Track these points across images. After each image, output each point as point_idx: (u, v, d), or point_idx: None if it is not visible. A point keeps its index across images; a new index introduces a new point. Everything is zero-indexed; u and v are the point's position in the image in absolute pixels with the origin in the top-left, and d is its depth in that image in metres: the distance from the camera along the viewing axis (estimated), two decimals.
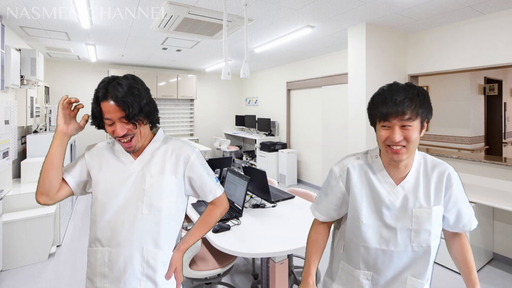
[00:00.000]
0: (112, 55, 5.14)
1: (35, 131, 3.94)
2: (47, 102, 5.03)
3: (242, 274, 2.60)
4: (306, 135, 5.55)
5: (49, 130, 4.05)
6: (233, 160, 6.74)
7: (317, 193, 1.21)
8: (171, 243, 1.09)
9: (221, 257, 1.91)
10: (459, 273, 2.59)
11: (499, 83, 5.13)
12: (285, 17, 3.03)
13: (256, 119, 6.66)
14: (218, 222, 1.86)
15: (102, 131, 1.08)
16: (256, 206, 2.24)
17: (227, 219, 1.94)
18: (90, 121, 1.04)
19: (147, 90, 1.06)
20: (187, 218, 2.25)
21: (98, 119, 1.00)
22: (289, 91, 5.95)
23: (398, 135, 0.91)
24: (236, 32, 3.54)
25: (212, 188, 1.16)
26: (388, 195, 0.99)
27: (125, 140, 1.00)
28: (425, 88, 0.91)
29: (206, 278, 1.84)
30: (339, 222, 1.14)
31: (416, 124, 0.91)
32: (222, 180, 2.76)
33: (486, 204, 2.47)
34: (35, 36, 3.79)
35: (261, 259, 1.84)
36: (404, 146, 0.92)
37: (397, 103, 0.90)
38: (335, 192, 1.07)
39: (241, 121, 7.29)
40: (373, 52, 3.28)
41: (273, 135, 6.26)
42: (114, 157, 1.08)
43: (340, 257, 1.10)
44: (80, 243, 3.19)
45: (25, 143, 3.57)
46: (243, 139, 7.51)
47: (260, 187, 2.40)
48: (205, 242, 2.04)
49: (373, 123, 1.00)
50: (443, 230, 1.05)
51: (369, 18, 3.05)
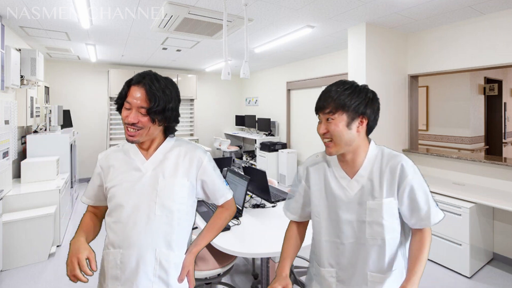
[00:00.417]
0: (112, 55, 5.14)
1: (35, 131, 3.94)
2: (47, 102, 5.03)
3: (242, 274, 2.60)
4: (306, 135, 5.55)
5: (49, 130, 4.05)
6: (233, 160, 6.74)
7: None
8: (183, 244, 1.09)
9: (221, 257, 1.91)
10: (458, 273, 2.60)
11: (499, 83, 5.13)
12: (285, 17, 3.03)
13: (256, 119, 6.66)
14: None
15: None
16: (256, 206, 2.24)
17: None
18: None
19: (178, 99, 1.07)
20: None
21: (122, 99, 1.02)
22: (289, 91, 5.95)
23: (322, 128, 0.98)
24: (236, 32, 3.54)
25: (223, 191, 1.17)
26: (343, 189, 1.02)
27: (132, 129, 1.00)
28: (365, 86, 0.95)
29: (206, 278, 1.84)
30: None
31: (339, 117, 0.95)
32: None
33: (486, 204, 2.47)
34: (35, 36, 3.79)
35: (261, 259, 1.84)
36: (331, 140, 0.97)
37: (321, 98, 0.99)
38: (299, 191, 1.14)
39: (241, 121, 7.29)
40: (373, 52, 3.28)
41: (273, 135, 6.26)
42: (126, 158, 1.08)
43: (311, 258, 1.14)
44: None
45: (25, 143, 3.57)
46: (243, 139, 7.51)
47: (260, 187, 2.40)
48: None
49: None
50: (410, 227, 1.03)
51: (369, 18, 3.05)
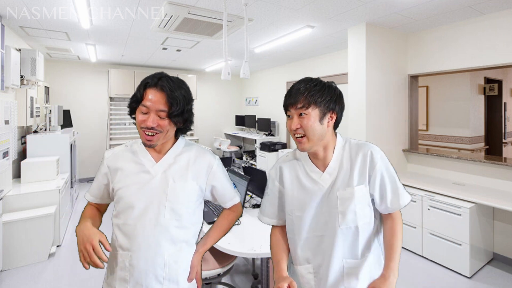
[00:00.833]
0: (112, 55, 5.14)
1: (35, 131, 3.95)
2: (47, 102, 5.03)
3: (242, 274, 2.60)
4: None
5: (49, 130, 4.05)
6: (233, 160, 6.74)
7: None
8: (191, 246, 1.09)
9: (221, 257, 1.91)
10: (458, 273, 2.59)
11: (499, 83, 5.13)
12: (285, 17, 3.03)
13: (256, 119, 6.66)
14: None
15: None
16: (256, 206, 2.24)
17: None
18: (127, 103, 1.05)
19: (192, 99, 1.06)
20: None
21: (138, 103, 0.99)
22: None
23: (294, 123, 0.98)
24: (236, 32, 3.54)
25: (232, 195, 1.17)
26: (316, 183, 1.03)
27: (150, 133, 0.98)
28: (331, 83, 0.98)
29: (206, 278, 1.84)
30: None
31: (312, 112, 0.96)
32: None
33: (486, 204, 2.47)
34: (35, 36, 3.79)
35: (261, 259, 1.84)
36: (304, 135, 0.97)
37: (292, 94, 0.99)
38: (274, 193, 1.13)
39: (241, 121, 7.29)
40: (373, 52, 3.28)
41: (273, 135, 6.26)
42: (135, 159, 1.06)
43: (290, 260, 1.13)
44: None
45: (25, 143, 3.57)
46: (243, 139, 7.51)
47: (260, 187, 2.40)
48: None
49: (286, 115, 1.06)
50: (380, 214, 1.06)
51: (369, 18, 3.05)
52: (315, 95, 0.96)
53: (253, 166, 5.07)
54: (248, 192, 2.34)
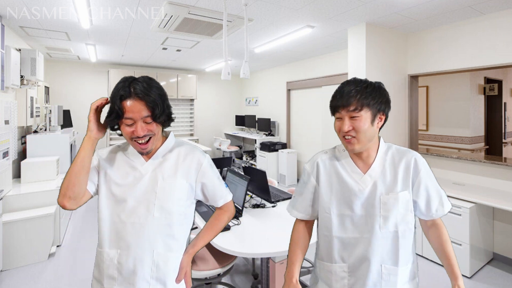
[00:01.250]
0: (112, 55, 5.14)
1: (35, 131, 3.94)
2: (47, 102, 5.03)
3: (242, 274, 2.60)
4: (306, 135, 5.55)
5: (49, 130, 4.05)
6: (233, 160, 6.74)
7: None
8: (181, 246, 1.08)
9: (221, 257, 1.91)
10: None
11: (499, 83, 5.13)
12: (285, 17, 3.03)
13: (256, 119, 6.66)
14: None
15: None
16: (256, 206, 2.24)
17: None
18: (106, 120, 1.00)
19: (166, 93, 1.06)
20: None
21: (120, 117, 0.95)
22: (289, 91, 5.95)
23: (346, 125, 0.97)
24: (236, 32, 3.54)
25: (223, 193, 1.16)
26: (356, 184, 1.02)
27: (143, 141, 0.98)
28: (380, 84, 1.00)
29: (206, 278, 1.84)
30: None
31: (365, 115, 0.96)
32: None
33: (486, 204, 2.47)
34: (35, 36, 3.79)
35: (261, 259, 1.84)
36: (354, 137, 0.97)
37: (344, 95, 0.98)
38: (308, 188, 1.12)
39: (241, 121, 7.29)
40: (373, 52, 3.28)
41: (273, 135, 6.26)
42: (126, 159, 1.07)
43: (318, 256, 1.13)
44: (80, 243, 3.19)
45: (25, 143, 3.57)
46: (243, 139, 7.51)
47: (260, 187, 2.40)
48: None
49: (332, 116, 1.06)
50: (420, 220, 1.09)
51: (369, 18, 3.05)
52: (367, 97, 0.96)
53: (253, 166, 5.07)
54: (248, 192, 2.34)
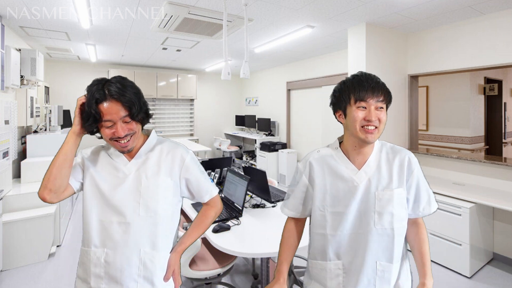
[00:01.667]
0: (112, 55, 5.14)
1: (35, 131, 3.94)
2: (47, 102, 5.03)
3: (242, 274, 2.60)
4: (306, 135, 5.55)
5: (49, 130, 4.05)
6: (233, 160, 6.74)
7: None
8: (168, 244, 1.08)
9: (221, 257, 1.91)
10: (458, 273, 2.59)
11: (499, 83, 5.13)
12: (285, 17, 3.03)
13: (256, 119, 6.66)
14: (219, 222, 1.87)
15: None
16: (256, 206, 2.24)
17: (227, 219, 1.94)
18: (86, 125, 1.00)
19: (140, 90, 1.07)
20: (187, 218, 2.26)
21: (98, 121, 0.96)
22: (289, 91, 5.95)
23: (373, 115, 0.96)
24: (236, 32, 3.54)
25: (208, 188, 1.16)
26: (351, 180, 1.02)
27: (124, 141, 0.99)
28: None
29: (206, 278, 1.84)
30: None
31: (385, 107, 0.99)
32: (222, 180, 2.76)
33: (486, 204, 2.47)
34: (35, 36, 3.79)
35: (261, 259, 1.85)
36: (376, 127, 0.97)
37: (373, 85, 0.97)
38: (299, 187, 1.12)
39: (241, 121, 7.29)
40: (373, 52, 3.28)
41: (273, 135, 6.26)
42: (109, 159, 1.08)
43: (310, 256, 1.13)
44: (80, 243, 3.18)
45: (25, 143, 3.57)
46: (243, 139, 7.51)
47: (260, 187, 2.40)
48: (205, 242, 2.04)
49: (341, 107, 1.03)
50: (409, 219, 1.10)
51: (369, 18, 3.05)
52: (388, 92, 0.99)
53: (253, 166, 5.07)
54: (248, 192, 2.34)
